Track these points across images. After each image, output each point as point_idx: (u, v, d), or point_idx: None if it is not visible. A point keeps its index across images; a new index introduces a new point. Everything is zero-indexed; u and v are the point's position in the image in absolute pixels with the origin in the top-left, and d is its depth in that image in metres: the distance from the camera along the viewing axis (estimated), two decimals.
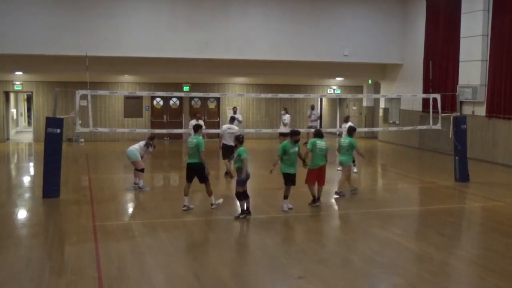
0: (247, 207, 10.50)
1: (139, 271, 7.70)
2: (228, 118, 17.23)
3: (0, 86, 23.57)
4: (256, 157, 19.33)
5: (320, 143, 11.63)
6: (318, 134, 11.94)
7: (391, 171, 17.19)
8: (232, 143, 15.62)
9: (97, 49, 18.79)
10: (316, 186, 11.63)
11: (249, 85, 26.28)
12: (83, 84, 14.20)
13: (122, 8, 20.17)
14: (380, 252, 8.58)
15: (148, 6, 20.53)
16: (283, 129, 17.98)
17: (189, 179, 11.19)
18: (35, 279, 7.33)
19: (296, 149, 11.10)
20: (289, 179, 11.10)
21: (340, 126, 27.41)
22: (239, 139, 10.78)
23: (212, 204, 11.23)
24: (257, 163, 18.08)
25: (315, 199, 11.61)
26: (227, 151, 14.67)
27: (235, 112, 19.19)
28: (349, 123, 15.71)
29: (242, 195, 10.41)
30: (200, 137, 11.21)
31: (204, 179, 11.14)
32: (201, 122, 15.90)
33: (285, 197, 11.16)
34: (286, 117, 18.27)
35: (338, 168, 15.81)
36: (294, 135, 11.21)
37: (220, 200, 11.43)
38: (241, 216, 10.39)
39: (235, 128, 15.97)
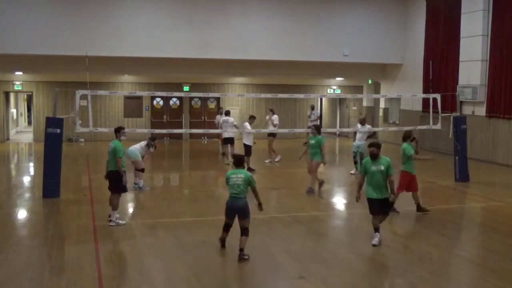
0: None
1: (139, 271, 7.71)
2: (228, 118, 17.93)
3: (0, 86, 23.56)
4: (255, 156, 19.31)
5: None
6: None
7: None
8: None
9: (97, 49, 18.77)
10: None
11: (249, 85, 26.27)
12: (83, 84, 14.20)
13: (122, 8, 20.17)
14: (380, 252, 8.58)
15: (148, 6, 20.53)
16: (273, 129, 18.23)
17: (110, 189, 10.12)
18: (35, 279, 7.34)
19: (382, 167, 8.80)
20: (372, 207, 8.95)
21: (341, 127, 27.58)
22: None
23: (110, 220, 9.90)
24: (256, 163, 18.08)
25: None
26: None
27: (221, 113, 18.46)
28: (368, 126, 15.96)
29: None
30: (119, 141, 10.10)
31: (116, 189, 9.93)
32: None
33: (375, 229, 8.99)
34: (275, 118, 18.55)
35: (352, 172, 15.96)
36: (373, 147, 9.00)
37: (123, 221, 10.05)
38: None
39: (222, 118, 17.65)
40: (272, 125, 18.40)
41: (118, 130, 10.37)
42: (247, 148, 16.08)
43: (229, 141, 17.36)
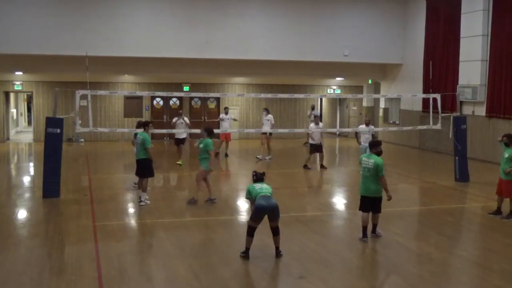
0: None
1: (139, 271, 7.71)
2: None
3: (0, 86, 23.56)
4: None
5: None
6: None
7: (391, 171, 17.15)
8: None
9: (97, 49, 18.74)
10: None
11: (249, 85, 26.26)
12: (83, 84, 14.19)
13: (122, 8, 20.16)
14: (380, 252, 8.58)
15: (148, 6, 20.52)
16: (268, 129, 18.61)
17: (140, 175, 11.79)
18: (35, 279, 7.34)
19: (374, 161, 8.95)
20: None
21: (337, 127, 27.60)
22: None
23: (141, 201, 11.52)
24: (254, 162, 18.09)
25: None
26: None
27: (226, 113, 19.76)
28: (372, 127, 16.10)
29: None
30: (146, 133, 11.55)
31: (148, 174, 11.61)
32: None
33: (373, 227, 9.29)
34: (270, 117, 19.08)
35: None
36: (374, 146, 9.22)
37: (148, 202, 11.60)
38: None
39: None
40: (270, 125, 18.79)
41: (147, 124, 11.82)
42: (317, 147, 16.86)
43: (181, 141, 17.90)
